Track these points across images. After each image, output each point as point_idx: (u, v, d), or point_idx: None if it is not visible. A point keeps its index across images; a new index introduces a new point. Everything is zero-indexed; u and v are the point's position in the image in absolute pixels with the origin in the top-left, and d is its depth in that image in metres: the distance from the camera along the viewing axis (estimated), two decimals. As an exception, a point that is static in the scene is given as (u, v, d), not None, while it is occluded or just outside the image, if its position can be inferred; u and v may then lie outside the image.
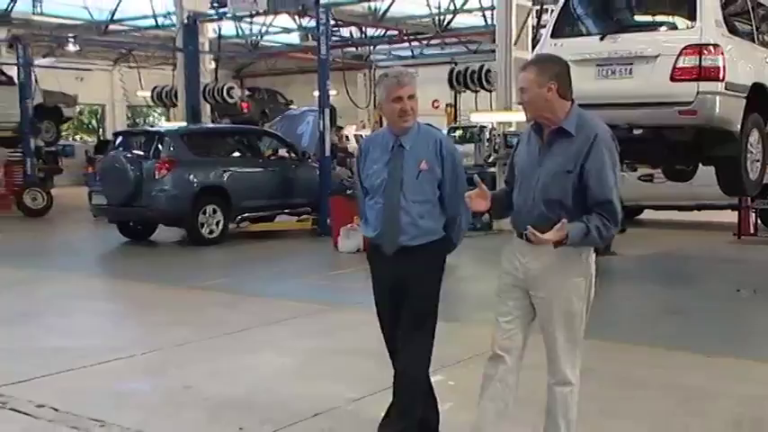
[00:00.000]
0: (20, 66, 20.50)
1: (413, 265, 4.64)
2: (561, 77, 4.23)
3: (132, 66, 32.04)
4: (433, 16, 27.41)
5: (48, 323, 8.79)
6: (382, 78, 4.74)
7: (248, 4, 19.94)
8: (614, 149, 4.20)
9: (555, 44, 10.00)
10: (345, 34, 28.98)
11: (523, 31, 16.24)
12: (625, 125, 9.37)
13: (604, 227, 4.07)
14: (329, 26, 17.61)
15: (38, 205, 20.20)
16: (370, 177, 4.75)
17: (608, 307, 10.15)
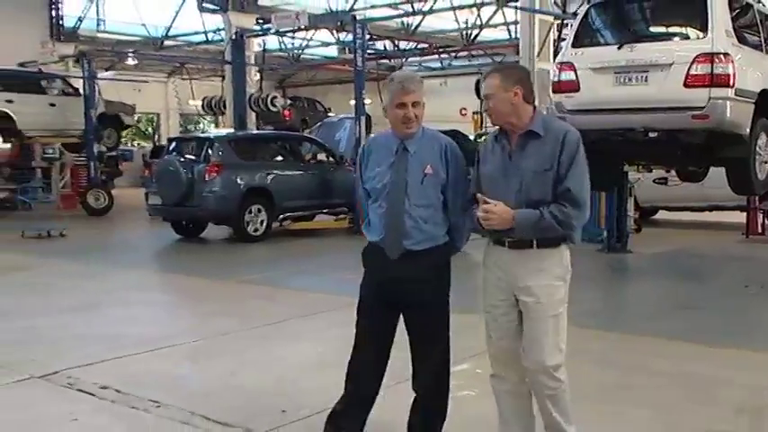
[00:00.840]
0: (85, 79, 20.73)
1: (417, 269, 4.30)
2: (524, 83, 4.09)
3: (185, 78, 32.33)
4: (461, 30, 27.36)
5: (110, 313, 8.87)
6: (388, 83, 4.43)
7: (291, 21, 19.98)
8: (581, 145, 4.06)
9: (575, 53, 10.06)
10: (380, 47, 29.01)
11: (545, 43, 16.21)
12: (641, 128, 9.47)
13: (561, 212, 3.91)
14: (365, 40, 17.59)
15: (100, 205, 20.37)
16: (373, 180, 4.40)
17: (626, 301, 10.16)
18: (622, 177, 12.50)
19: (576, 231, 4.07)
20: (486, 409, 4.56)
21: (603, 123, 9.80)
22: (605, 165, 11.16)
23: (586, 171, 4.05)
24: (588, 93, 9.89)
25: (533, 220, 3.90)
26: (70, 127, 20.97)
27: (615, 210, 12.68)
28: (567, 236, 4.05)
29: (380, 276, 4.42)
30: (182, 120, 36.46)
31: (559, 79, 10.21)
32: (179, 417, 5.22)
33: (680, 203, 16.10)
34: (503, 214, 3.90)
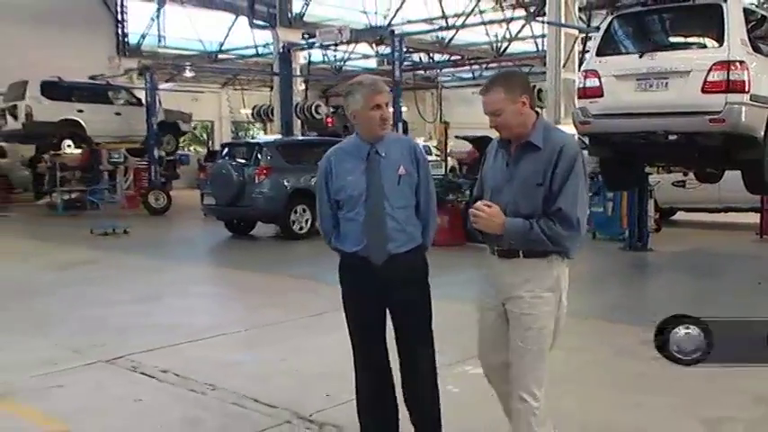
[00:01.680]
0: (147, 90, 20.99)
1: (403, 272, 3.99)
2: (529, 89, 3.70)
3: (236, 88, 32.53)
4: (491, 43, 27.27)
5: (169, 303, 9.03)
6: (356, 87, 3.99)
7: (334, 35, 20.05)
8: (581, 161, 3.60)
9: (599, 61, 10.06)
10: (416, 59, 28.97)
11: (571, 55, 16.08)
12: (662, 131, 9.45)
13: (549, 229, 3.50)
14: (402, 53, 17.60)
15: (159, 205, 20.57)
16: (346, 189, 3.98)
17: (647, 296, 10.06)
18: (643, 178, 12.40)
19: (571, 248, 3.64)
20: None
21: (626, 127, 9.83)
22: (627, 166, 11.10)
23: (583, 189, 3.63)
24: (611, 98, 9.87)
25: (522, 231, 3.53)
26: (134, 134, 21.26)
27: (636, 210, 12.55)
28: (560, 250, 3.63)
29: (365, 288, 4.05)
30: (233, 127, 36.62)
31: (584, 86, 10.21)
32: (232, 399, 5.27)
33: (697, 205, 15.91)
34: (492, 217, 3.53)
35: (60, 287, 9.95)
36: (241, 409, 5.05)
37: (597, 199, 13.90)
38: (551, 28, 16.46)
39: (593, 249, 13.33)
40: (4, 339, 7.01)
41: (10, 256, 12.87)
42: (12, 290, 9.74)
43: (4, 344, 6.87)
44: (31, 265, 11.80)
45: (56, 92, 20.23)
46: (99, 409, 5.21)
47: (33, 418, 5.12)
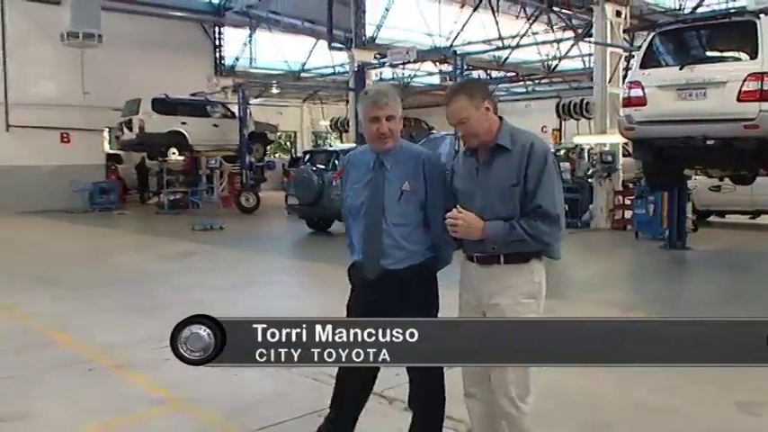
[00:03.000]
0: (240, 105, 21.28)
1: (398, 288, 3.45)
2: (490, 95, 3.35)
3: (316, 102, 32.77)
4: (543, 61, 26.99)
5: (258, 290, 9.13)
6: (362, 96, 3.57)
7: (402, 55, 20.07)
8: (551, 157, 3.29)
9: (643, 73, 10.00)
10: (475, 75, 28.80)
11: (616, 72, 15.80)
12: (700, 137, 9.34)
13: (531, 227, 3.16)
14: (463, 70, 17.51)
15: (249, 204, 20.82)
16: (351, 198, 3.59)
17: (686, 291, 9.84)
18: (683, 179, 12.16)
19: (554, 246, 3.32)
20: None
21: (667, 132, 9.73)
22: (668, 168, 10.95)
23: (558, 184, 3.30)
24: (654, 106, 9.81)
25: (504, 232, 3.17)
26: (228, 143, 21.56)
27: (676, 212, 12.29)
28: (543, 251, 3.31)
29: (364, 296, 3.60)
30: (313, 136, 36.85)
31: (629, 95, 10.16)
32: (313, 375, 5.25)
33: (731, 207, 15.52)
34: (471, 222, 3.17)
35: (167, 275, 10.19)
36: (318, 383, 5.01)
37: (640, 201, 13.69)
38: (598, 47, 16.20)
39: (635, 247, 13.11)
40: (122, 319, 7.26)
41: (127, 248, 13.31)
42: (128, 277, 10.04)
43: (121, 323, 7.10)
44: (143, 256, 12.13)
45: (164, 107, 20.69)
46: (199, 379, 5.30)
47: (145, 385, 5.28)
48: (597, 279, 10.17)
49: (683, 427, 4.54)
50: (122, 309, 7.83)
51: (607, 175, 15.57)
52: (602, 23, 15.82)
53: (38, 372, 5.61)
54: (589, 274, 10.48)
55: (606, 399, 4.76)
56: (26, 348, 6.26)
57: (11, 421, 4.67)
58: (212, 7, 25.80)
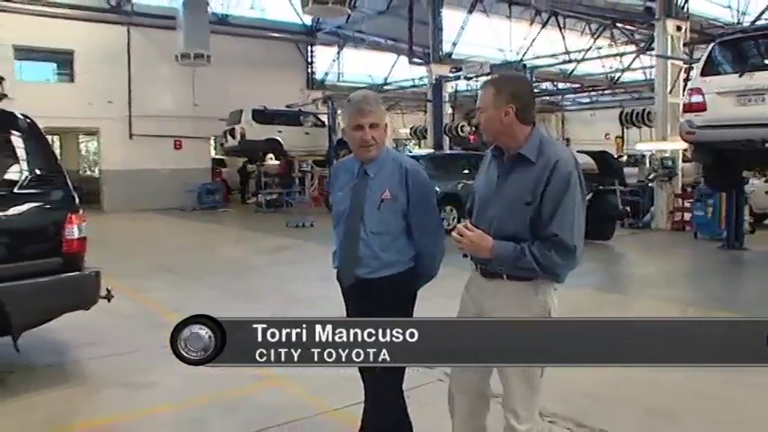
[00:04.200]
0: (329, 114, 21.59)
1: (372, 299, 3.08)
2: (520, 99, 2.77)
3: (397, 112, 32.84)
4: (606, 74, 26.41)
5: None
6: (346, 104, 3.22)
7: (476, 69, 19.95)
8: (577, 177, 2.70)
9: (703, 81, 9.73)
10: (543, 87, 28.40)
11: (676, 82, 15.35)
12: (759, 140, 9.08)
13: (544, 257, 2.65)
14: (533, 82, 17.27)
15: (337, 204, 21.06)
16: (335, 205, 3.29)
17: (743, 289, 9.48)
18: (741, 180, 11.75)
19: (562, 275, 2.79)
20: None
21: (727, 136, 9.45)
22: (727, 170, 10.65)
23: (580, 210, 2.72)
24: (714, 112, 9.53)
25: (513, 256, 2.69)
26: (318, 148, 21.85)
27: (733, 213, 11.86)
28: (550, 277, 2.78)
29: (346, 302, 3.32)
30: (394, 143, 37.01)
31: (690, 102, 9.91)
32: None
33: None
34: (478, 241, 2.71)
35: (263, 266, 10.43)
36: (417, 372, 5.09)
37: (699, 203, 13.28)
38: (659, 60, 15.76)
39: (694, 247, 12.69)
40: (226, 303, 7.46)
41: (229, 242, 13.66)
42: (231, 267, 10.32)
43: (226, 307, 7.27)
44: (243, 249, 12.43)
45: (262, 117, 21.11)
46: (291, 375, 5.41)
47: (248, 367, 5.41)
48: (657, 277, 9.90)
49: (742, 417, 4.41)
50: (226, 294, 8.07)
51: (668, 178, 15.17)
52: (664, 38, 15.43)
53: (159, 348, 5.84)
54: (650, 272, 10.21)
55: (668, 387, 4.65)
56: (149, 327, 6.54)
57: (139, 389, 4.91)
58: (306, 29, 26.19)
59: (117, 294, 5.38)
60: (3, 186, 4.78)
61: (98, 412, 4.55)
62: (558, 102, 32.90)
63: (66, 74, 21.84)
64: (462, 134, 22.34)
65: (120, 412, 4.50)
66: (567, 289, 4.75)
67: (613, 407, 4.44)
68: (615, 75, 26.20)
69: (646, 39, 18.76)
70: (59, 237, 4.80)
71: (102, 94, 21.11)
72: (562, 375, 4.91)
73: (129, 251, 11.86)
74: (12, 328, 4.64)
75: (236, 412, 4.44)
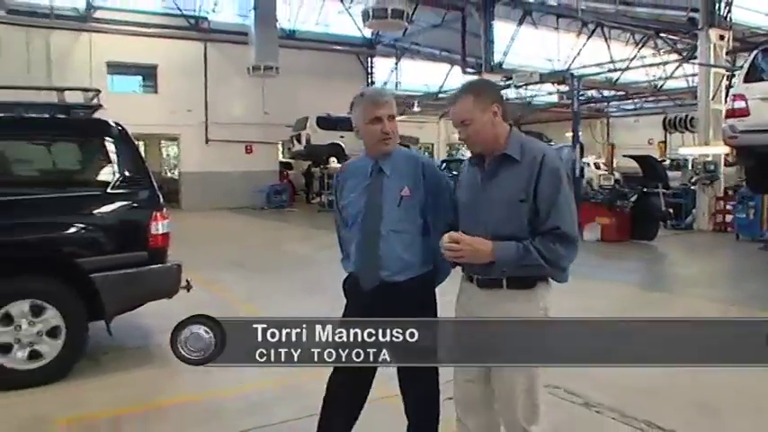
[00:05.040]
0: (385, 121, 21.52)
1: (396, 303, 2.70)
2: (500, 99, 2.58)
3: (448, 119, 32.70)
4: (650, 81, 25.78)
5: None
6: (357, 99, 2.91)
7: (526, 78, 19.72)
8: (563, 170, 2.54)
9: (746, 87, 9.42)
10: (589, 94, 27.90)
11: (718, 90, 14.88)
12: None
13: (549, 251, 2.44)
14: (579, 90, 16.99)
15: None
16: (347, 207, 2.91)
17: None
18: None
19: (567, 269, 2.57)
20: None
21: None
22: None
23: (572, 200, 2.55)
24: (757, 117, 9.17)
25: (517, 255, 2.44)
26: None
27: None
28: (550, 274, 2.56)
29: (360, 311, 2.78)
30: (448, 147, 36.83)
31: (733, 107, 9.53)
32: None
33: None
34: (477, 246, 2.44)
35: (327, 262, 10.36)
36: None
37: (740, 206, 12.83)
38: (702, 68, 15.30)
39: (735, 248, 12.28)
40: (292, 295, 7.56)
41: (295, 239, 13.80)
42: (297, 262, 10.44)
43: (292, 299, 7.40)
44: (308, 246, 12.52)
45: (326, 123, 21.29)
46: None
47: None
48: (700, 276, 9.61)
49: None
50: (292, 287, 8.16)
51: (710, 182, 14.71)
52: (707, 46, 14.99)
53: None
54: (692, 272, 9.91)
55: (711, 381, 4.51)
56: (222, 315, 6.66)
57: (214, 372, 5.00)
58: (366, 41, 26.33)
59: (194, 285, 5.51)
60: (97, 187, 4.96)
61: (178, 391, 4.67)
62: (603, 109, 32.25)
63: (151, 86, 22.51)
64: (512, 139, 22.15)
65: (198, 392, 4.60)
66: (612, 285, 4.66)
67: (656, 399, 4.33)
68: (658, 82, 25.60)
69: (688, 48, 18.28)
70: (146, 232, 4.94)
71: (182, 103, 21.68)
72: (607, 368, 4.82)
73: (204, 246, 12.11)
74: (105, 313, 4.82)
75: (302, 397, 4.50)
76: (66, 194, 4.96)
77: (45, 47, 19.87)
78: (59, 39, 20.00)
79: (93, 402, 4.39)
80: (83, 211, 4.86)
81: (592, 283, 8.44)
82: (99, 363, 5.17)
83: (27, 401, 4.39)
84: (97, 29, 20.49)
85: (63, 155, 5.35)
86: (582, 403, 4.20)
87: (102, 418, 4.12)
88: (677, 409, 4.19)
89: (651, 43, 23.38)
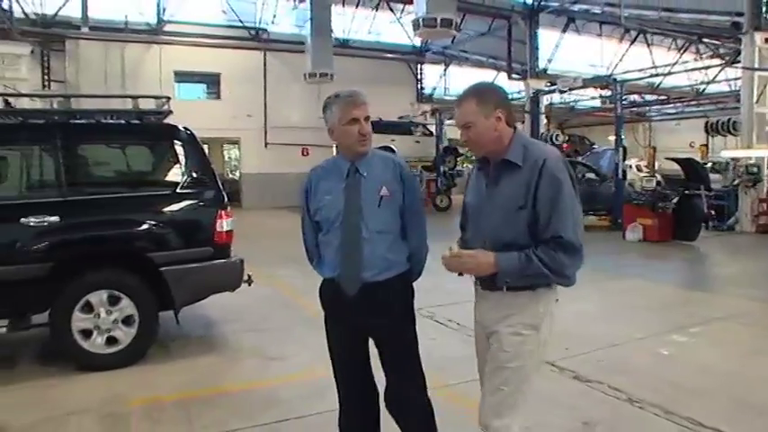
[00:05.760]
0: (436, 125, 21.57)
1: (380, 303, 2.63)
2: (505, 104, 2.43)
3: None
4: (692, 86, 25.00)
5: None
6: (332, 99, 2.69)
7: (570, 83, 19.37)
8: (567, 174, 2.34)
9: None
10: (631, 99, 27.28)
11: (762, 93, 14.32)
12: None
13: (552, 259, 2.28)
14: (622, 94, 16.60)
15: (443, 205, 21.02)
16: (323, 210, 2.69)
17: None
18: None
19: (572, 276, 2.40)
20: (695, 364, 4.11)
21: None
22: None
23: (576, 206, 2.36)
24: None
25: (519, 266, 2.31)
26: (427, 155, 21.82)
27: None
28: (554, 281, 2.40)
29: (341, 315, 2.73)
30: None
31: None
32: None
33: None
34: (481, 258, 2.34)
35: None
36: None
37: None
38: (746, 71, 14.73)
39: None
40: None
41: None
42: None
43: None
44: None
45: (377, 127, 20.83)
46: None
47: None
48: (741, 276, 9.28)
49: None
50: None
51: (752, 184, 14.18)
52: (751, 50, 14.41)
53: (289, 326, 6.05)
54: (734, 272, 9.58)
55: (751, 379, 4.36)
56: (281, 308, 6.77)
57: (273, 360, 5.09)
58: (415, 49, 26.31)
59: (255, 279, 5.60)
60: (168, 187, 5.09)
61: (239, 378, 4.75)
62: (645, 113, 31.47)
63: (214, 92, 23.00)
64: (557, 142, 21.72)
65: (257, 379, 4.68)
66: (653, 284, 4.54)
67: (700, 397, 4.20)
68: (700, 87, 24.82)
69: (730, 52, 17.64)
70: (211, 229, 5.05)
71: (243, 109, 22.07)
72: (649, 364, 4.71)
73: (263, 243, 12.30)
74: (174, 304, 4.94)
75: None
76: (140, 194, 5.11)
77: (120, 59, 20.50)
78: (132, 51, 20.61)
79: (163, 385, 4.50)
80: (155, 209, 5.00)
81: (633, 281, 8.25)
82: (168, 349, 5.30)
83: (105, 382, 4.54)
84: (166, 41, 21.07)
85: (137, 157, 5.51)
86: (625, 399, 4.11)
87: (172, 400, 4.23)
88: (721, 407, 4.05)
89: (693, 48, 22.70)
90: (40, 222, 4.61)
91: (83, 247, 4.78)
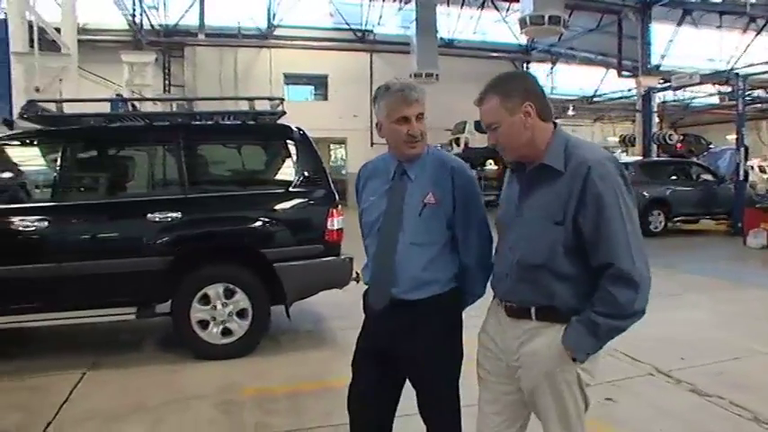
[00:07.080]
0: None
1: (411, 323, 2.25)
2: (535, 93, 1.98)
3: (605, 122, 31.23)
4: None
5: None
6: (381, 92, 2.32)
7: (685, 80, 18.39)
8: (620, 182, 1.85)
9: None
10: (755, 93, 25.40)
11: None
12: None
13: (614, 307, 1.82)
14: (745, 90, 15.50)
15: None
16: (366, 212, 2.38)
17: None
18: None
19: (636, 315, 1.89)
20: None
21: None
22: None
23: (633, 221, 1.86)
24: None
25: (592, 337, 1.86)
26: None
27: None
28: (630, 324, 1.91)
29: (368, 329, 2.41)
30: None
31: None
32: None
33: None
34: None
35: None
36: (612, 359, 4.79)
37: None
38: None
39: None
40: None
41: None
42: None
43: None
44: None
45: (481, 128, 21.06)
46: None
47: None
48: None
49: None
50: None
51: None
52: None
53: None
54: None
55: None
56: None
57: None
58: (521, 48, 25.84)
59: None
60: (281, 185, 5.27)
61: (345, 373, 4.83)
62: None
63: (321, 94, 23.64)
64: (670, 142, 20.68)
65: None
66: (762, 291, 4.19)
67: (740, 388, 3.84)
68: None
69: None
70: (322, 227, 5.16)
71: (349, 109, 22.50)
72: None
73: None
74: (285, 299, 5.11)
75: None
76: (255, 192, 5.31)
77: (233, 63, 21.55)
78: (244, 55, 21.60)
79: (274, 376, 4.67)
80: (269, 207, 5.17)
81: (755, 291, 7.71)
82: (279, 342, 5.49)
83: (221, 371, 4.77)
84: (276, 45, 21.94)
85: (252, 157, 5.74)
86: (750, 417, 3.83)
87: (282, 391, 4.37)
88: None
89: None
90: (164, 218, 4.90)
91: (201, 242, 5.04)
